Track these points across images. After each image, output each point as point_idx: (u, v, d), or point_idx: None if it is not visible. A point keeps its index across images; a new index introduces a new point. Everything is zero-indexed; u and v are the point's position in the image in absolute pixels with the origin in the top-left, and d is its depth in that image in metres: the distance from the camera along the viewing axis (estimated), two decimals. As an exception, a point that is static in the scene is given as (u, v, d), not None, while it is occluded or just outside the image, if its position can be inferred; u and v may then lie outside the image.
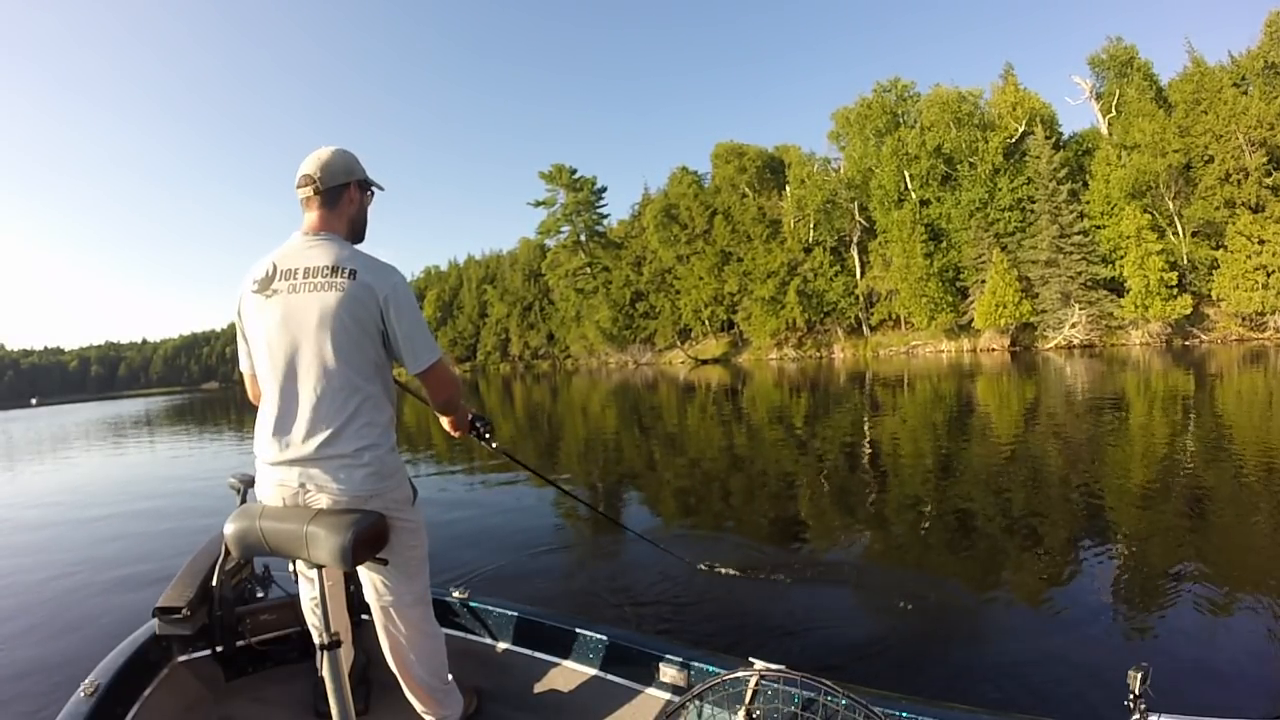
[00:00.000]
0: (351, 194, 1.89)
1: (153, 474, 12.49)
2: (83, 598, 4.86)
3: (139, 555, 5.99)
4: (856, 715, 1.47)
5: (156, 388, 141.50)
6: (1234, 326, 30.78)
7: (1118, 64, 37.54)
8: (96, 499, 9.59)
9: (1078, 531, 5.02)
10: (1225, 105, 30.76)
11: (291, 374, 1.72)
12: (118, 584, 5.14)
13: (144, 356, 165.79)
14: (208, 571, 2.21)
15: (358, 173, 1.90)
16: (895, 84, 43.32)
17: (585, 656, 2.22)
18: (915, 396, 16.65)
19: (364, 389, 1.75)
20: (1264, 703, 2.63)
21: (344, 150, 1.90)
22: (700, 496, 7.40)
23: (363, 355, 1.74)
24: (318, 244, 1.77)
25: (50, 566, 5.83)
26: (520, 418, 18.96)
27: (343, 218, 1.86)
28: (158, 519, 7.68)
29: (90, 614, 4.48)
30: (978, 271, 37.38)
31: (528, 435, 14.51)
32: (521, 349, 70.32)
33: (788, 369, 33.40)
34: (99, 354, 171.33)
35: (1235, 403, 11.99)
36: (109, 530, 7.28)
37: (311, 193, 1.82)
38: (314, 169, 1.83)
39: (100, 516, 8.11)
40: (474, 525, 6.39)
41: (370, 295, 1.71)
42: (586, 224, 59.08)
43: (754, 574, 4.39)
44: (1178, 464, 7.16)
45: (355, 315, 1.70)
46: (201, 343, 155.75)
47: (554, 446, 12.37)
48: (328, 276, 1.70)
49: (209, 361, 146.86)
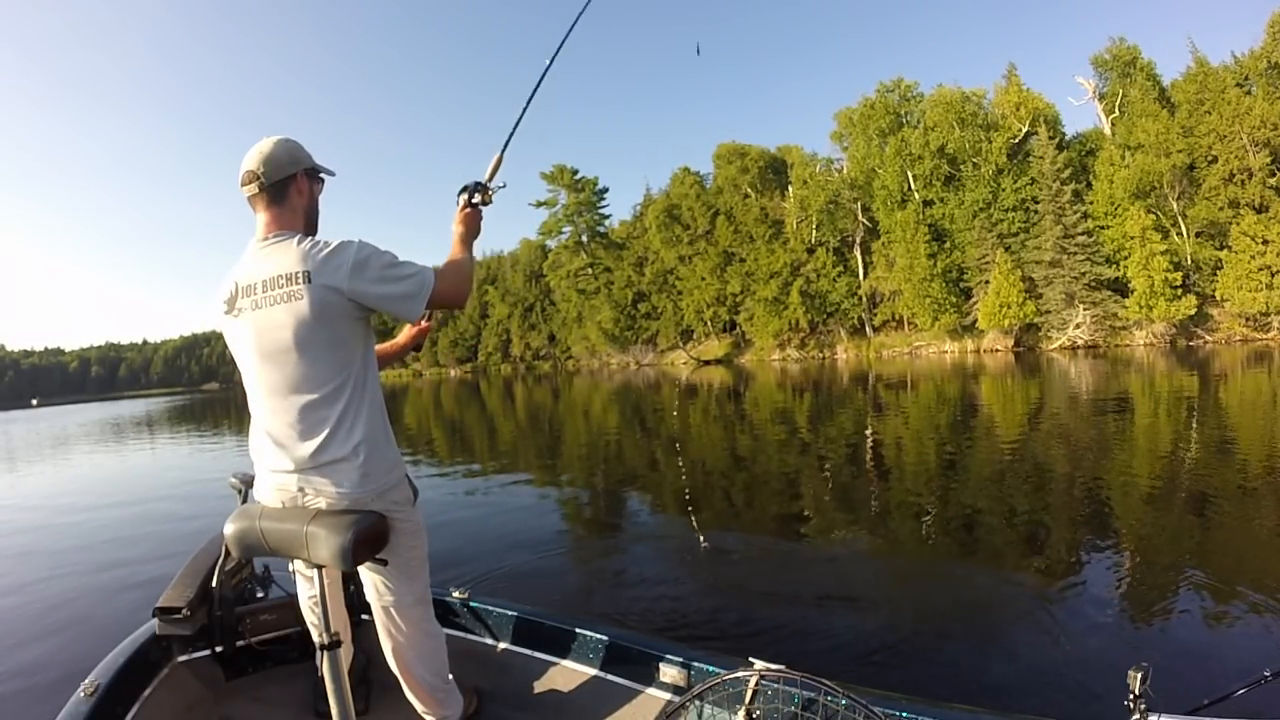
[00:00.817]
0: (300, 184, 1.77)
1: (152, 475, 12.48)
2: (83, 598, 4.86)
3: (139, 555, 5.99)
4: (856, 715, 1.46)
5: (157, 388, 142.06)
6: (1238, 327, 30.74)
7: (1121, 64, 37.55)
8: (96, 500, 9.58)
9: (1079, 532, 5.02)
10: (1229, 105, 30.71)
11: (274, 389, 1.68)
12: (118, 584, 5.14)
13: (144, 357, 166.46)
14: (208, 571, 2.20)
15: (304, 161, 1.78)
16: (898, 84, 43.40)
17: (585, 656, 2.21)
18: (919, 397, 16.62)
19: (349, 390, 1.70)
20: (1265, 703, 2.64)
21: (287, 139, 1.78)
22: (703, 496, 7.34)
23: (342, 355, 1.70)
24: (269, 251, 1.68)
25: (50, 567, 5.83)
26: (522, 418, 18.94)
27: (295, 212, 1.75)
28: (157, 520, 7.68)
29: (90, 614, 4.48)
30: (981, 272, 37.35)
31: (529, 436, 14.51)
32: (523, 350, 70.26)
33: (790, 370, 33.38)
34: (99, 354, 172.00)
35: (1239, 403, 11.97)
36: (109, 531, 7.29)
37: (257, 189, 1.70)
38: (256, 164, 1.71)
39: (100, 517, 8.12)
40: (474, 525, 6.40)
41: (333, 293, 1.63)
42: (588, 224, 59.13)
43: (755, 574, 4.38)
44: (1180, 465, 7.15)
45: (323, 318, 1.63)
46: (202, 343, 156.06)
47: (555, 447, 12.36)
48: (284, 286, 1.62)
49: (209, 362, 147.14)
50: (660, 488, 8.01)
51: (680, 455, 10.16)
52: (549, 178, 58.17)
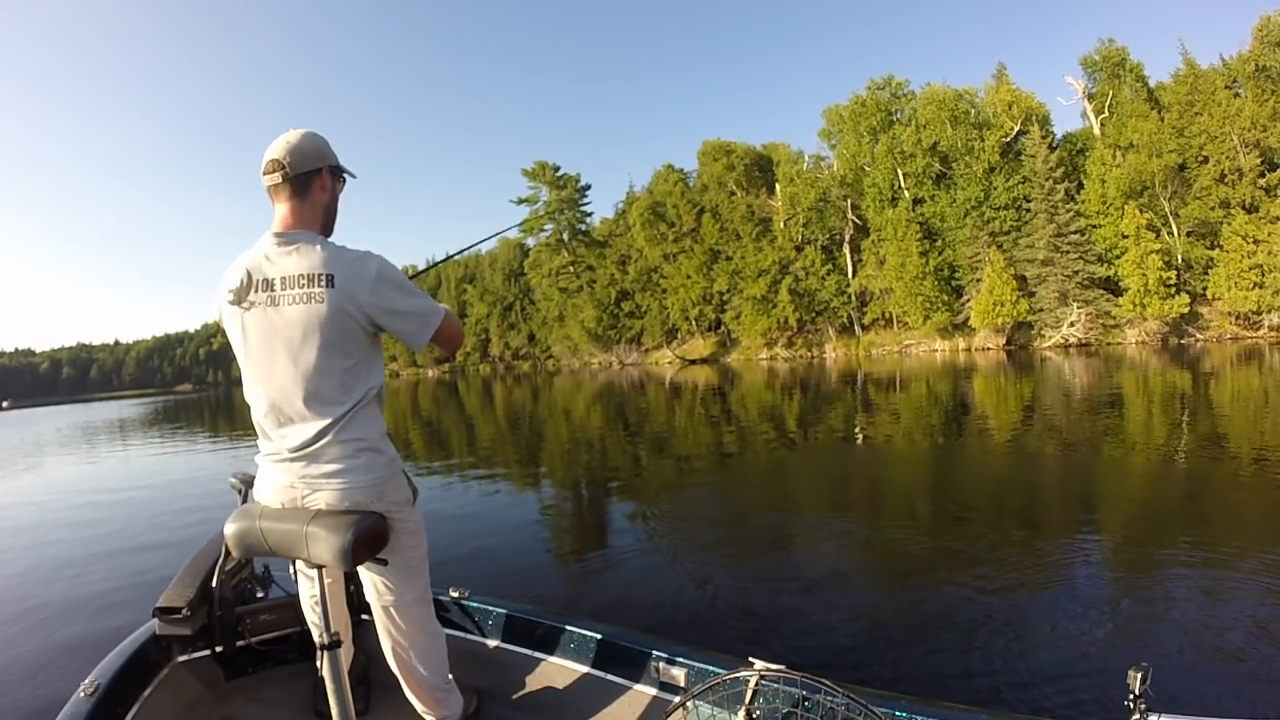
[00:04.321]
0: (323, 181, 1.78)
1: (151, 475, 12.33)
2: (82, 598, 4.89)
3: (138, 556, 6.01)
4: (856, 715, 1.49)
5: (129, 390, 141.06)
6: (1228, 325, 31.40)
7: (1110, 65, 38.19)
8: (96, 500, 9.53)
9: (1077, 531, 5.05)
10: (1220, 107, 31.37)
11: (279, 386, 1.68)
12: (117, 584, 5.16)
13: (116, 358, 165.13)
14: (208, 571, 2.23)
15: (330, 158, 1.80)
16: (889, 81, 43.61)
17: (585, 656, 2.25)
18: (910, 396, 16.72)
19: (354, 393, 1.72)
20: (1264, 703, 2.64)
21: (314, 133, 1.78)
22: (696, 497, 7.39)
23: (350, 360, 1.71)
24: (291, 247, 1.67)
25: (49, 567, 5.86)
26: (501, 419, 18.84)
27: (316, 208, 1.76)
28: (157, 520, 7.64)
29: (90, 614, 4.52)
30: (973, 270, 37.74)
31: (508, 438, 14.38)
32: (502, 349, 70.07)
33: (779, 369, 33.51)
34: (71, 355, 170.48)
35: (1233, 400, 12.13)
36: (108, 531, 7.25)
37: (280, 179, 1.70)
38: (282, 153, 1.70)
39: (99, 517, 8.09)
40: (473, 525, 6.41)
41: (352, 301, 1.65)
42: (570, 222, 58.89)
43: (754, 574, 4.43)
44: (1177, 463, 7.20)
45: (339, 324, 1.66)
46: (175, 344, 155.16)
47: (536, 448, 12.31)
48: (305, 287, 1.63)
49: (183, 363, 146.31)
50: (650, 487, 7.98)
51: (667, 454, 10.18)
52: (530, 174, 57.81)
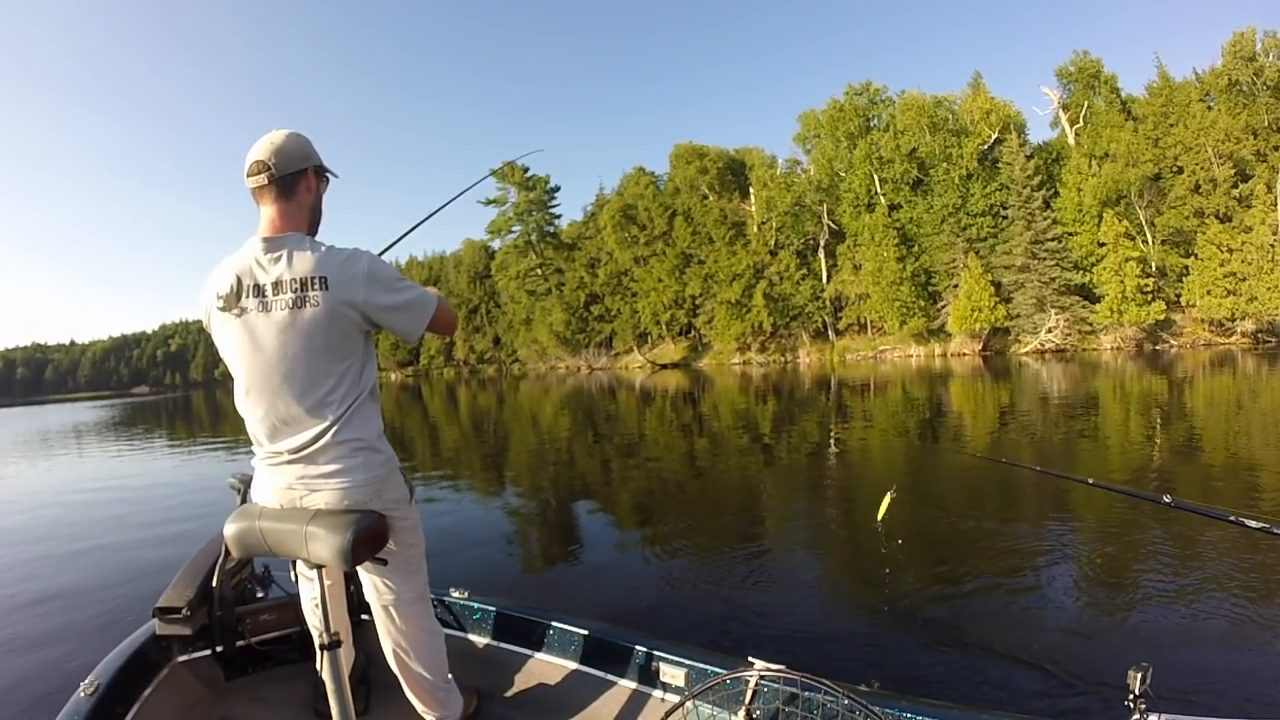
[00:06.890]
0: (309, 181, 1.78)
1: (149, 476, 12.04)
2: (82, 598, 4.90)
3: (138, 556, 6.04)
4: (856, 715, 1.50)
5: (85, 391, 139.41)
6: (1201, 331, 32.41)
7: (1085, 76, 39.39)
8: (94, 500, 9.47)
9: (1075, 532, 5.10)
10: (1194, 119, 32.53)
11: (273, 390, 1.68)
12: (117, 584, 5.19)
13: (72, 359, 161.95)
14: (208, 571, 2.24)
15: (314, 158, 1.80)
16: (867, 87, 44.15)
17: (585, 656, 2.26)
18: (887, 401, 16.72)
19: (351, 393, 1.72)
20: (1264, 703, 2.65)
21: (298, 134, 1.78)
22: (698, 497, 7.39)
23: (346, 361, 1.72)
24: (281, 251, 1.67)
25: (49, 567, 5.89)
26: (465, 425, 18.45)
27: (302, 209, 1.77)
28: (156, 520, 7.60)
29: (90, 614, 4.54)
30: (949, 276, 38.26)
31: (474, 444, 14.01)
32: (466, 353, 69.37)
33: (752, 374, 33.61)
34: (25, 355, 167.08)
35: (1211, 404, 12.31)
36: (107, 531, 7.25)
37: (266, 181, 1.69)
38: (267, 154, 1.70)
39: (99, 517, 8.09)
40: (472, 525, 6.51)
41: (348, 301, 1.66)
42: (538, 224, 58.41)
43: (752, 574, 4.47)
44: (1171, 464, 7.32)
45: (335, 325, 1.67)
46: (132, 345, 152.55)
47: (500, 456, 12.01)
48: (299, 291, 1.63)
49: (139, 364, 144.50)
50: (619, 494, 7.92)
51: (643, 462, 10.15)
52: (499, 175, 57.05)
